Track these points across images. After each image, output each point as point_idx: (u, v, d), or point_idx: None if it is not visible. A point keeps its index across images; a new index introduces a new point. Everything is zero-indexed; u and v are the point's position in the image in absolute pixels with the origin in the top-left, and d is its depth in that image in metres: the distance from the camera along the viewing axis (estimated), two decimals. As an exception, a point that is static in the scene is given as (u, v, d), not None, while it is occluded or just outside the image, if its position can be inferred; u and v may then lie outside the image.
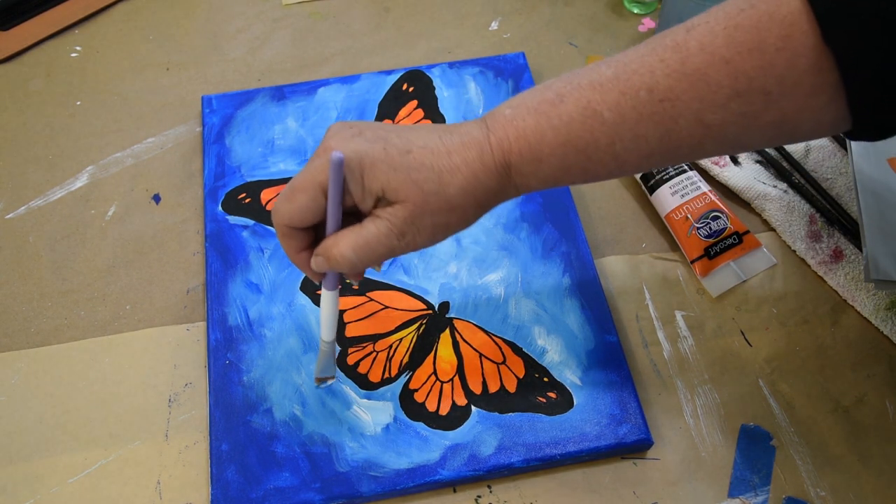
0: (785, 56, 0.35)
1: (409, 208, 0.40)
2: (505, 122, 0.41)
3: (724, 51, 0.37)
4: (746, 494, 0.50)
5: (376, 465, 0.50)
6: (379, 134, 0.41)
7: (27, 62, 0.73)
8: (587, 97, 0.39)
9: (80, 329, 0.57)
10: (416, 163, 0.40)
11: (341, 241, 0.41)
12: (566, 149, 0.40)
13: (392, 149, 0.40)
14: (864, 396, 0.53)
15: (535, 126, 0.40)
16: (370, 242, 0.40)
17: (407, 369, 0.54)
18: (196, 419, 0.53)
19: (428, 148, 0.40)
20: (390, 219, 0.40)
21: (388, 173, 0.39)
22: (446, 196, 0.40)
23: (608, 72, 0.39)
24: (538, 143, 0.40)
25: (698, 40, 0.37)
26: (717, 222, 0.59)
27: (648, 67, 0.38)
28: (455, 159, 0.40)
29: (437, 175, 0.40)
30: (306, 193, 0.40)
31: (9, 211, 0.63)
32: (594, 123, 0.39)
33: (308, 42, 0.74)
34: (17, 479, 0.50)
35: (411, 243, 0.41)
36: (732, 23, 0.37)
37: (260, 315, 0.56)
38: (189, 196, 0.63)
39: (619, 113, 0.39)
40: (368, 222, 0.41)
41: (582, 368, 0.53)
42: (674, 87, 0.38)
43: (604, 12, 0.76)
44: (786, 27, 0.35)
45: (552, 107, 0.40)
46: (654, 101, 0.38)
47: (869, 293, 0.57)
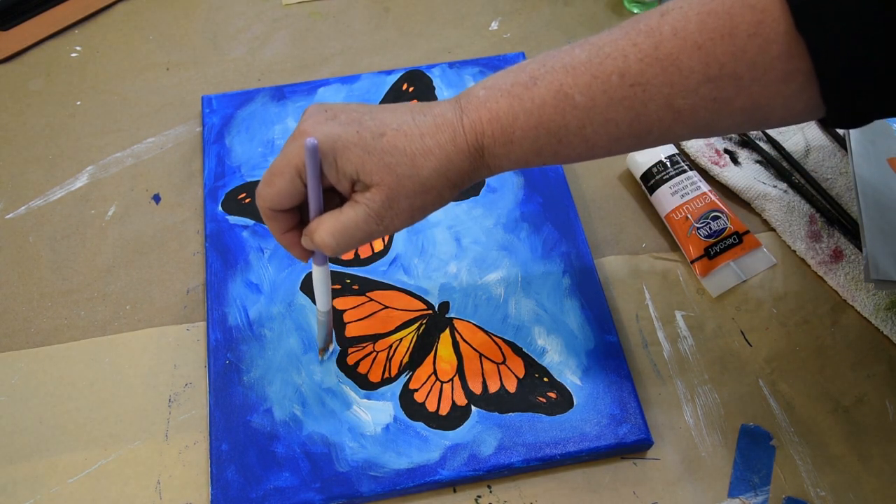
0: (757, 42, 0.36)
1: (384, 192, 0.40)
2: (478, 104, 0.41)
3: (696, 36, 0.37)
4: (746, 494, 0.50)
5: (376, 465, 0.50)
6: (353, 117, 0.41)
7: (27, 62, 0.73)
8: (560, 80, 0.40)
9: (80, 329, 0.57)
10: (390, 146, 0.40)
11: (322, 225, 0.42)
12: (538, 131, 0.40)
13: (365, 132, 0.40)
14: (864, 396, 0.53)
15: (508, 108, 0.40)
16: (349, 227, 0.41)
17: (407, 369, 0.54)
18: (196, 419, 0.53)
19: (401, 131, 0.41)
20: (368, 203, 0.41)
21: (362, 157, 0.40)
22: (420, 178, 0.41)
23: (582, 55, 0.40)
24: (510, 125, 0.40)
25: (671, 25, 0.37)
26: (717, 222, 0.59)
27: (621, 51, 0.38)
28: (428, 142, 0.41)
29: (411, 158, 0.40)
30: (283, 177, 0.41)
31: (9, 211, 0.63)
32: (566, 107, 0.39)
33: (308, 42, 0.74)
34: (17, 479, 0.50)
35: (390, 226, 0.42)
36: (706, 9, 0.37)
37: (260, 315, 0.56)
38: (189, 196, 0.63)
39: (590, 97, 0.39)
40: (347, 207, 0.41)
41: (582, 368, 0.53)
42: (645, 71, 0.38)
43: (604, 12, 0.76)
44: (758, 13, 0.35)
45: (525, 89, 0.40)
46: (624, 85, 0.38)
47: (869, 293, 0.57)
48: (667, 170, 0.61)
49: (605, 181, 0.64)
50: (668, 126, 0.39)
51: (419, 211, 0.42)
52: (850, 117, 0.38)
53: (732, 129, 0.41)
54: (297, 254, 0.45)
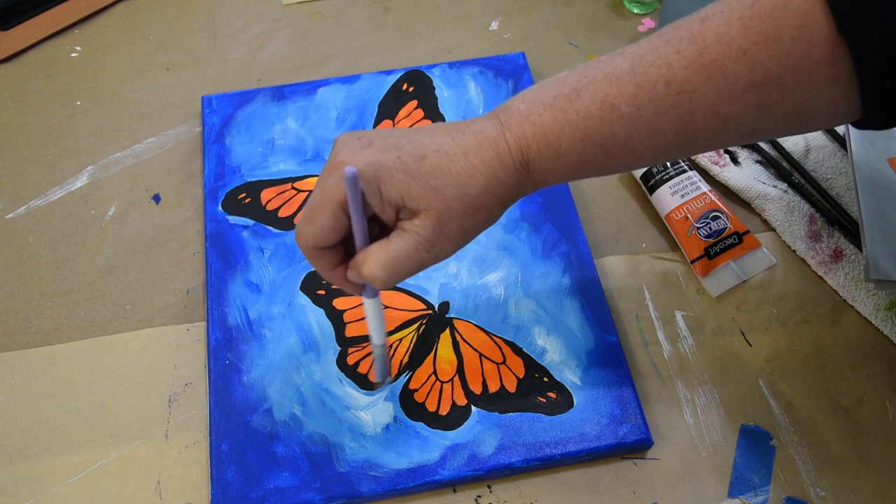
0: (801, 46, 0.35)
1: (433, 216, 0.39)
2: (520, 119, 0.40)
3: (740, 41, 0.36)
4: (746, 494, 0.50)
5: (376, 465, 0.50)
6: (390, 142, 0.39)
7: (27, 62, 0.73)
8: (604, 91, 0.39)
9: (80, 329, 0.57)
10: (433, 168, 0.39)
11: (370, 257, 0.40)
12: (584, 143, 0.39)
13: (406, 156, 0.39)
14: (864, 396, 0.53)
15: (553, 121, 0.39)
16: (399, 258, 0.39)
17: (407, 369, 0.54)
18: (196, 419, 0.53)
19: (442, 151, 0.39)
20: (417, 230, 0.39)
21: (406, 182, 0.38)
22: (469, 198, 0.39)
23: (624, 64, 0.39)
24: (556, 138, 0.39)
25: (714, 31, 0.37)
26: (717, 222, 0.59)
27: (665, 59, 0.38)
28: (472, 160, 0.39)
29: (457, 178, 0.39)
30: (325, 213, 0.39)
31: (9, 211, 0.63)
32: (612, 118, 0.39)
33: (308, 42, 0.74)
34: (17, 479, 0.50)
35: (441, 252, 0.40)
36: (748, 13, 0.36)
37: (260, 315, 0.56)
38: (189, 196, 0.63)
39: (636, 107, 0.38)
40: (395, 237, 0.39)
41: (582, 368, 0.53)
42: (691, 78, 0.37)
43: (604, 12, 0.76)
44: (801, 17, 0.35)
45: (569, 101, 0.39)
46: (671, 93, 0.38)
47: (869, 293, 0.57)
48: (667, 170, 0.61)
49: (605, 181, 0.64)
50: (714, 133, 0.39)
51: (470, 232, 0.41)
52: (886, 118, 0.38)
53: (775, 134, 0.41)
54: (348, 289, 0.43)
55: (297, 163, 0.64)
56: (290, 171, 0.63)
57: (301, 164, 0.64)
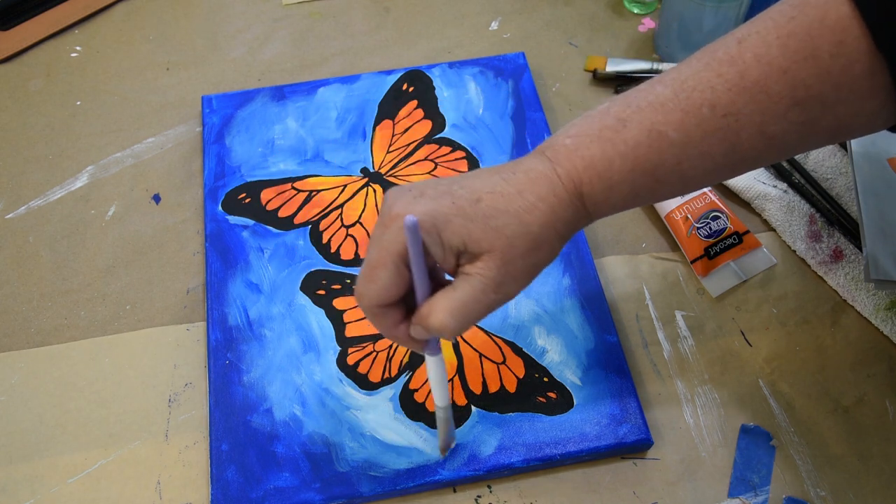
0: (840, 62, 0.36)
1: (497, 257, 0.38)
2: (569, 153, 0.40)
3: (780, 61, 0.37)
4: (746, 494, 0.50)
5: (376, 465, 0.50)
6: (441, 189, 0.39)
7: (27, 62, 0.73)
8: (650, 119, 0.39)
9: (80, 329, 0.57)
10: (491, 209, 0.38)
11: (436, 307, 0.39)
12: (635, 173, 0.40)
13: (461, 200, 0.39)
14: (864, 396, 0.53)
15: (602, 154, 0.39)
16: (467, 303, 0.39)
17: (407, 369, 0.54)
18: (196, 419, 0.53)
19: (497, 192, 0.39)
20: (483, 272, 0.38)
21: (466, 226, 0.38)
22: (532, 235, 0.39)
23: (666, 91, 0.39)
24: (607, 170, 0.40)
25: (753, 52, 0.37)
26: (717, 222, 0.59)
27: (707, 83, 0.38)
28: (529, 197, 0.39)
29: (516, 217, 0.39)
30: (386, 269, 0.38)
31: (9, 211, 0.63)
32: (662, 145, 0.39)
33: (308, 42, 0.74)
34: (17, 479, 0.50)
35: (509, 292, 0.40)
36: (784, 31, 0.37)
37: (260, 315, 0.56)
38: (189, 196, 0.63)
39: (684, 132, 0.39)
40: (460, 282, 0.39)
41: (582, 368, 0.53)
42: (735, 101, 0.38)
43: (604, 12, 0.76)
44: (838, 33, 0.35)
45: (615, 133, 0.39)
46: (716, 117, 0.38)
47: (869, 293, 0.57)
48: (667, 170, 0.61)
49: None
50: (760, 153, 0.39)
51: (534, 270, 0.40)
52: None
53: (816, 146, 0.41)
54: (413, 347, 0.42)
55: (297, 163, 0.64)
56: (290, 171, 0.63)
57: (301, 164, 0.64)
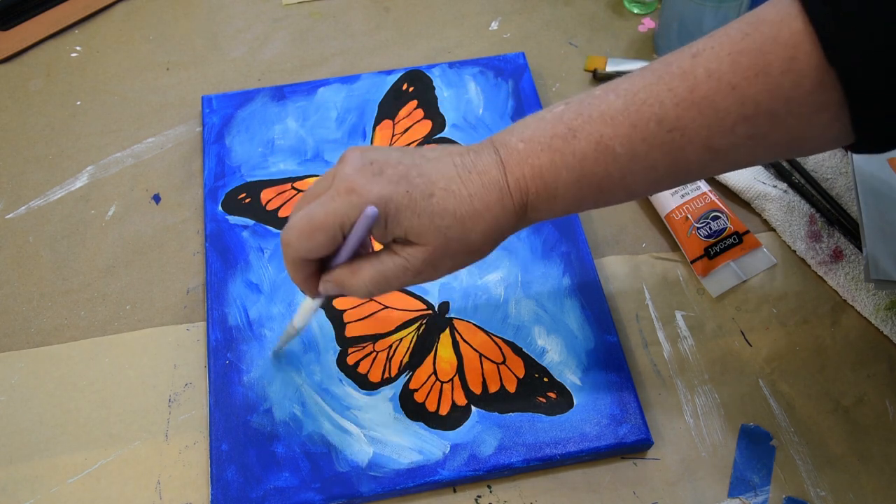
0: (790, 78, 0.36)
1: (429, 251, 0.41)
2: (520, 160, 0.41)
3: (730, 76, 0.37)
4: (746, 494, 0.50)
5: (376, 465, 0.50)
6: (399, 171, 0.40)
7: (27, 62, 0.73)
8: (599, 132, 0.39)
9: (80, 329, 0.57)
10: (440, 208, 0.40)
11: (361, 272, 0.42)
12: (580, 184, 0.41)
13: (415, 191, 0.40)
14: (864, 396, 0.53)
15: (550, 164, 0.40)
16: (388, 278, 0.41)
17: (407, 369, 0.54)
18: (196, 419, 0.53)
19: (449, 190, 0.40)
20: (410, 258, 0.41)
21: (412, 219, 0.40)
22: (468, 241, 0.41)
23: (618, 102, 0.39)
24: (553, 181, 0.41)
25: (705, 66, 0.37)
26: (717, 222, 0.59)
27: (657, 97, 0.38)
28: (477, 205, 0.40)
29: (461, 222, 0.40)
30: (326, 234, 0.40)
31: (9, 211, 0.63)
32: (608, 159, 0.40)
33: (308, 42, 0.74)
34: (17, 479, 0.50)
35: (426, 279, 0.43)
36: (737, 48, 0.37)
37: (260, 315, 0.56)
38: (189, 196, 0.63)
39: (630, 147, 0.39)
40: (387, 258, 0.41)
41: (582, 368, 0.53)
42: (682, 116, 0.38)
43: (604, 12, 0.76)
44: (790, 49, 0.36)
45: (565, 143, 0.40)
46: (662, 131, 0.38)
47: (869, 293, 0.57)
48: (667, 170, 0.61)
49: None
50: (706, 165, 0.40)
51: (458, 267, 0.43)
52: (880, 143, 0.38)
53: (768, 160, 0.42)
54: (311, 295, 0.45)
55: (297, 163, 0.64)
56: (290, 171, 0.63)
57: (301, 164, 0.64)
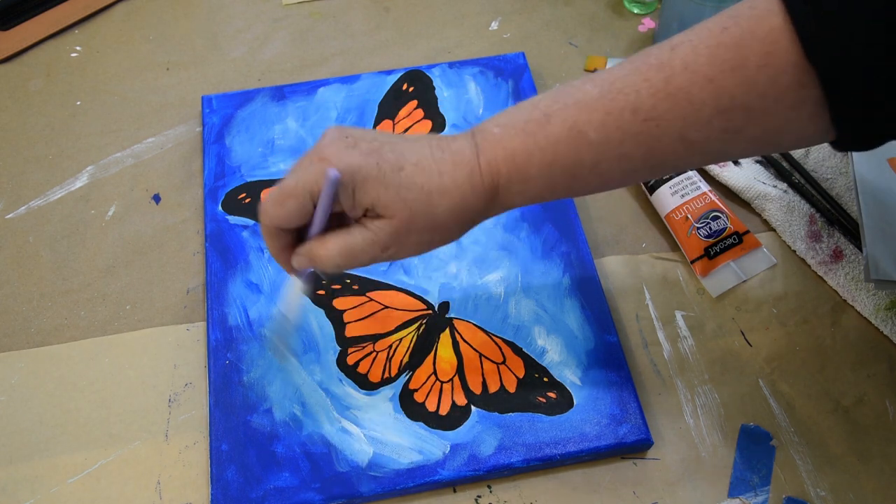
0: (767, 73, 0.36)
1: (395, 224, 0.41)
2: (494, 143, 0.41)
3: (707, 69, 0.37)
4: (746, 494, 0.50)
5: (376, 465, 0.50)
6: (373, 146, 0.41)
7: (27, 62, 0.73)
8: (573, 117, 0.40)
9: (80, 329, 0.57)
10: (408, 181, 0.40)
11: (329, 244, 0.42)
12: (552, 168, 0.41)
13: (385, 164, 0.40)
14: (864, 396, 0.53)
15: (523, 147, 0.40)
16: (355, 250, 0.42)
17: (407, 369, 0.54)
18: (196, 419, 0.53)
19: (420, 166, 0.41)
20: (377, 231, 0.41)
21: (379, 189, 0.40)
22: (433, 216, 0.41)
23: (594, 91, 0.40)
24: (526, 163, 0.41)
25: (682, 59, 0.38)
26: (717, 222, 0.59)
27: (633, 87, 0.39)
28: (445, 180, 0.41)
29: (427, 195, 0.40)
30: (296, 201, 0.41)
31: (9, 211, 0.63)
32: (580, 144, 0.40)
33: (308, 42, 0.74)
34: (17, 479, 0.50)
35: (394, 255, 0.43)
36: (715, 41, 0.37)
37: (260, 315, 0.56)
38: (189, 196, 0.63)
39: (604, 133, 0.39)
40: (356, 230, 0.42)
41: (582, 368, 0.53)
42: (657, 106, 0.38)
43: (604, 12, 0.76)
44: (768, 45, 0.36)
45: (539, 127, 0.40)
46: (637, 120, 0.39)
47: (869, 293, 0.57)
48: (667, 170, 0.61)
49: (605, 181, 0.64)
50: (681, 157, 0.40)
51: (426, 245, 0.43)
52: (861, 141, 0.38)
53: (745, 155, 0.42)
54: (288, 270, 0.46)
55: (297, 163, 0.64)
56: (290, 171, 0.63)
57: (301, 164, 0.64)
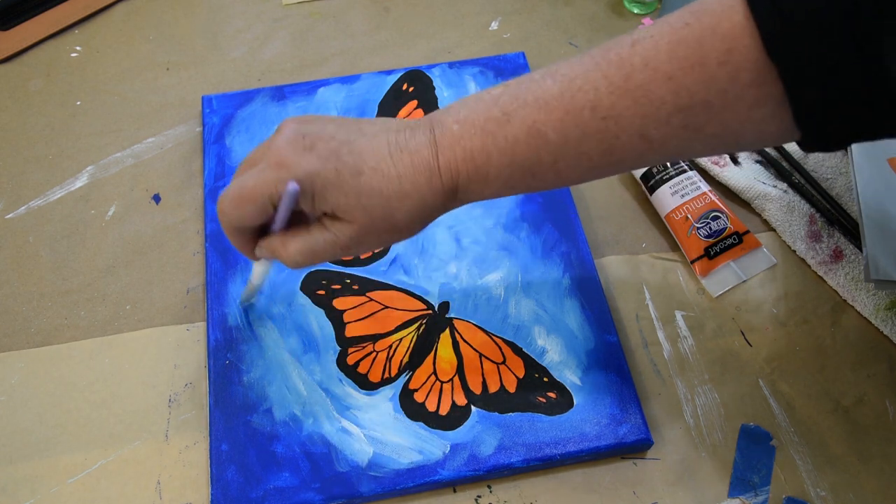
0: (727, 70, 0.36)
1: (355, 229, 0.41)
2: (453, 141, 0.41)
3: (666, 66, 0.37)
4: (746, 494, 0.50)
5: (376, 465, 0.50)
6: (331, 147, 0.41)
7: (27, 62, 0.73)
8: (532, 117, 0.39)
9: (80, 329, 0.57)
10: (367, 187, 0.40)
11: (290, 244, 0.43)
12: (511, 168, 0.41)
13: (344, 169, 0.40)
14: (864, 396, 0.53)
15: (482, 147, 0.40)
16: (316, 250, 0.43)
17: (407, 369, 0.54)
18: (196, 419, 0.53)
19: (379, 170, 0.41)
20: (338, 234, 0.42)
21: (339, 196, 0.40)
22: (393, 219, 0.41)
23: (554, 88, 0.39)
24: (485, 164, 0.41)
25: (642, 55, 0.37)
26: (717, 222, 0.59)
27: (592, 84, 0.38)
28: (405, 185, 0.41)
29: (387, 200, 0.41)
30: (255, 205, 0.41)
31: (9, 211, 0.63)
32: (539, 144, 0.40)
33: (308, 42, 0.74)
34: (17, 479, 0.50)
35: (354, 254, 0.44)
36: (676, 37, 0.37)
37: (260, 315, 0.56)
38: (189, 196, 0.63)
39: (562, 133, 0.39)
40: (317, 231, 0.42)
41: (582, 368, 0.53)
42: (616, 104, 0.38)
43: (604, 12, 0.76)
44: (728, 41, 0.35)
45: (498, 126, 0.40)
46: (596, 118, 0.38)
47: (869, 293, 0.57)
48: (667, 170, 0.61)
49: (605, 181, 0.64)
50: (641, 154, 0.40)
51: (386, 243, 0.44)
52: (824, 141, 0.38)
53: (706, 154, 0.41)
54: (249, 256, 0.46)
55: (297, 163, 0.64)
56: (290, 171, 0.63)
57: (301, 164, 0.64)
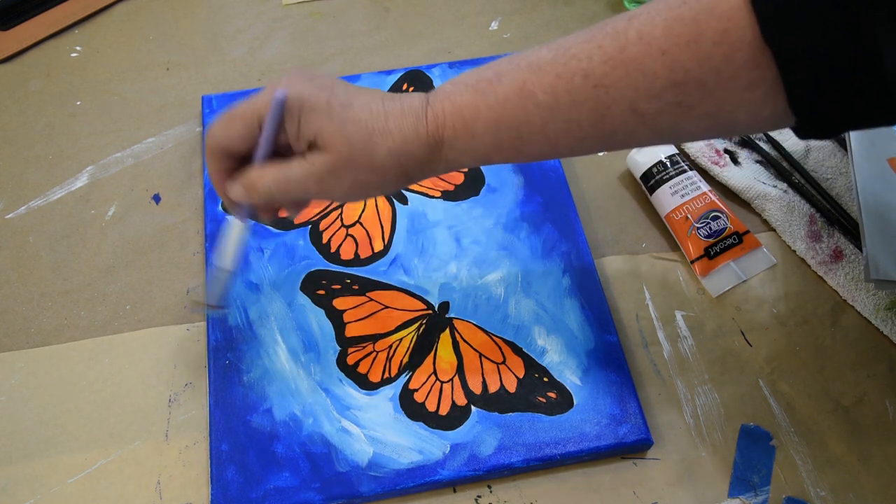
0: (722, 49, 0.36)
1: (333, 158, 0.41)
2: (443, 97, 0.42)
3: (661, 41, 0.37)
4: (746, 494, 0.50)
5: (376, 465, 0.50)
6: (328, 83, 0.42)
7: (27, 62, 0.73)
8: (523, 78, 0.40)
9: (80, 329, 0.57)
10: (353, 117, 0.41)
11: (266, 172, 0.43)
12: (499, 126, 0.41)
13: (335, 99, 0.41)
14: (864, 396, 0.53)
15: (471, 102, 0.41)
16: (290, 181, 0.42)
17: (407, 369, 0.54)
18: (196, 419, 0.53)
19: (368, 107, 0.42)
20: (315, 164, 0.42)
21: (323, 121, 0.41)
22: (372, 156, 0.42)
23: (548, 55, 0.40)
24: (473, 118, 0.41)
25: (637, 29, 0.38)
26: (717, 222, 0.59)
27: (586, 53, 0.39)
28: (390, 123, 0.42)
29: (369, 134, 0.41)
30: (243, 122, 0.42)
31: (9, 211, 0.63)
32: (528, 104, 0.40)
33: (308, 42, 0.74)
34: (17, 479, 0.50)
35: (328, 192, 0.43)
36: (673, 14, 0.37)
37: (260, 315, 0.56)
38: (189, 196, 0.63)
39: (553, 96, 0.40)
40: (295, 162, 0.42)
41: (582, 368, 0.53)
42: (609, 74, 0.38)
43: (604, 12, 0.76)
44: (724, 21, 0.36)
45: (489, 85, 0.41)
46: (588, 86, 0.39)
47: (869, 293, 0.57)
48: (667, 170, 0.61)
49: (605, 181, 0.64)
50: (632, 129, 0.40)
51: (361, 187, 0.43)
52: (818, 128, 0.38)
53: (698, 135, 0.41)
54: (225, 200, 0.46)
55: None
56: (290, 171, 0.63)
57: (301, 164, 0.64)
